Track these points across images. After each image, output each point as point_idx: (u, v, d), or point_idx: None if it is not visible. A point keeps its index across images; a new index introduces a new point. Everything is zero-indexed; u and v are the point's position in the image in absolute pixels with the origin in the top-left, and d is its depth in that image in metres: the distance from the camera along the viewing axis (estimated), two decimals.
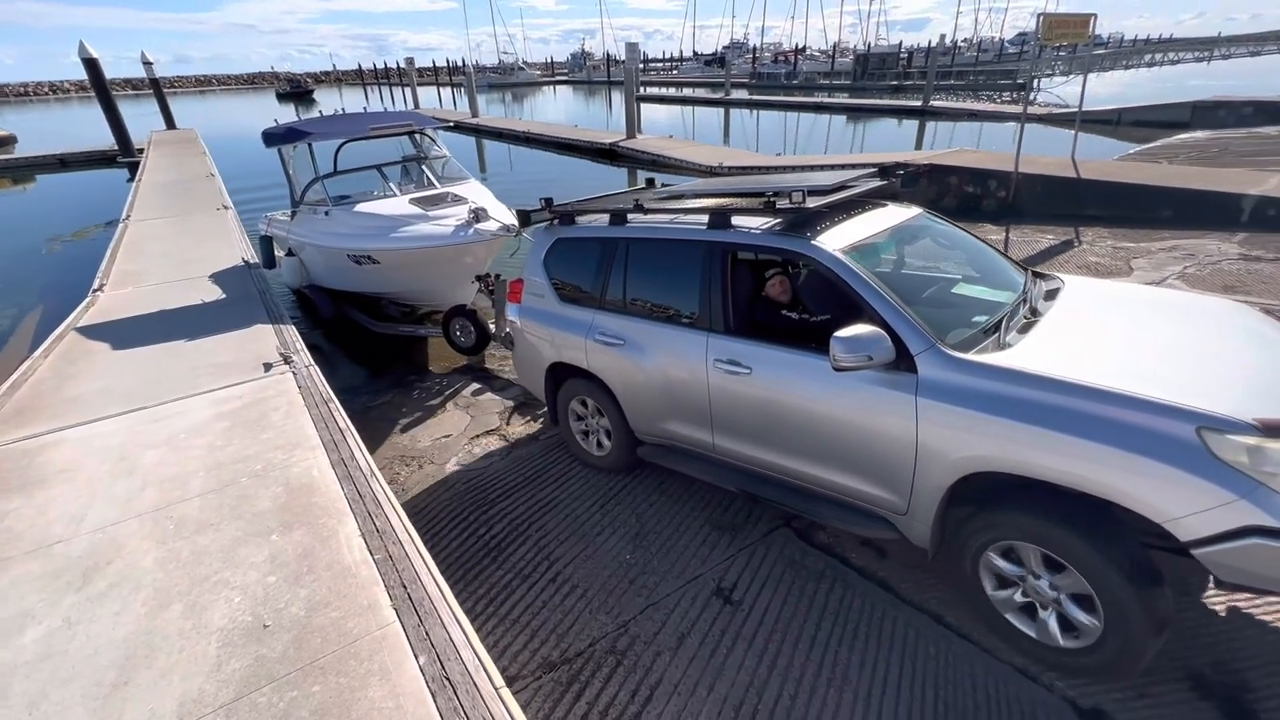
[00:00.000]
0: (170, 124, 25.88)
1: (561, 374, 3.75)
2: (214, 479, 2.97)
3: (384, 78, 76.06)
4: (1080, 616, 2.10)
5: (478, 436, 4.45)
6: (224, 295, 5.95)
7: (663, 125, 28.25)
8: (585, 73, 72.04)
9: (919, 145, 20.45)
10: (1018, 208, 9.63)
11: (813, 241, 2.65)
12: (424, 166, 6.77)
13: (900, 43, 55.24)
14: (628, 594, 2.81)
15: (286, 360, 4.27)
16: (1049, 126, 19.40)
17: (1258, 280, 5.74)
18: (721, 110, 33.55)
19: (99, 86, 18.94)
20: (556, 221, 3.71)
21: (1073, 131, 11.54)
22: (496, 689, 1.84)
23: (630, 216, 3.33)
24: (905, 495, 2.40)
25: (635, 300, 3.28)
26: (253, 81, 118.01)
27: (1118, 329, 2.48)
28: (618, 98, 46.40)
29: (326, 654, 2.01)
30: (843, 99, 33.21)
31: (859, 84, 41.31)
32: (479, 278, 5.60)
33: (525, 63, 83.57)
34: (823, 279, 2.68)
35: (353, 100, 55.99)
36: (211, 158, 17.03)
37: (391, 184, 6.57)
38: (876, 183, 3.23)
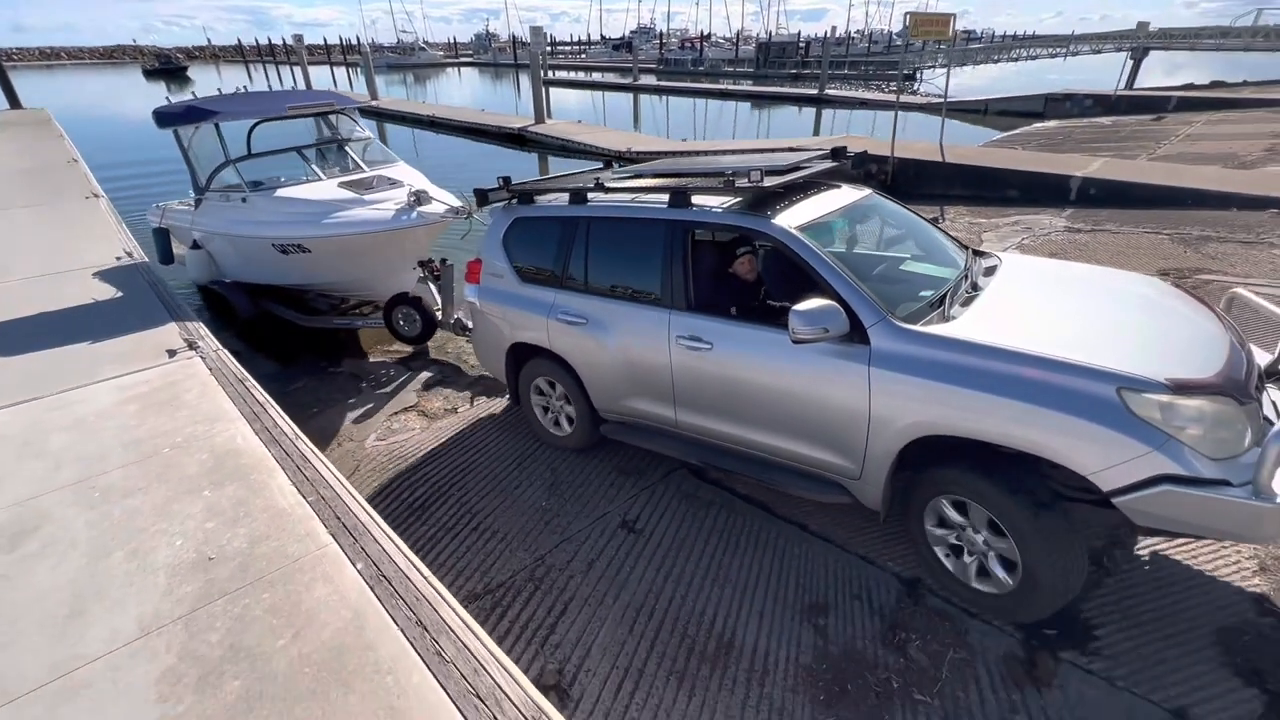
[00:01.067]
0: (14, 103, 22.98)
1: (523, 354, 3.76)
2: (134, 453, 3.02)
3: (268, 55, 70.39)
4: (1000, 573, 2.35)
5: (396, 414, 4.61)
6: (110, 288, 5.63)
7: (573, 110, 28.22)
8: (491, 55, 69.99)
9: (816, 131, 21.70)
10: (895, 189, 10.66)
11: (771, 220, 2.74)
12: (347, 149, 6.40)
13: (799, 33, 57.67)
14: (544, 534, 3.15)
15: (192, 346, 4.22)
16: (929, 115, 21.17)
17: (1075, 248, 6.80)
18: (631, 95, 33.89)
19: None
20: (515, 201, 3.70)
21: (956, 120, 12.81)
22: (426, 579, 2.15)
23: (590, 196, 3.33)
24: (859, 461, 2.54)
25: (597, 279, 3.31)
26: (111, 56, 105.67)
27: (1048, 301, 2.70)
28: (526, 81, 45.44)
29: (272, 571, 2.30)
30: (747, 86, 34.44)
31: (761, 72, 42.79)
32: (421, 263, 5.45)
33: (426, 43, 79.99)
34: (780, 256, 2.77)
35: (233, 79, 51.47)
36: (71, 141, 15.43)
37: (314, 167, 6.16)
38: (829, 164, 3.34)
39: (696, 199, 3.00)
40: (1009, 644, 2.37)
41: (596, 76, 45.76)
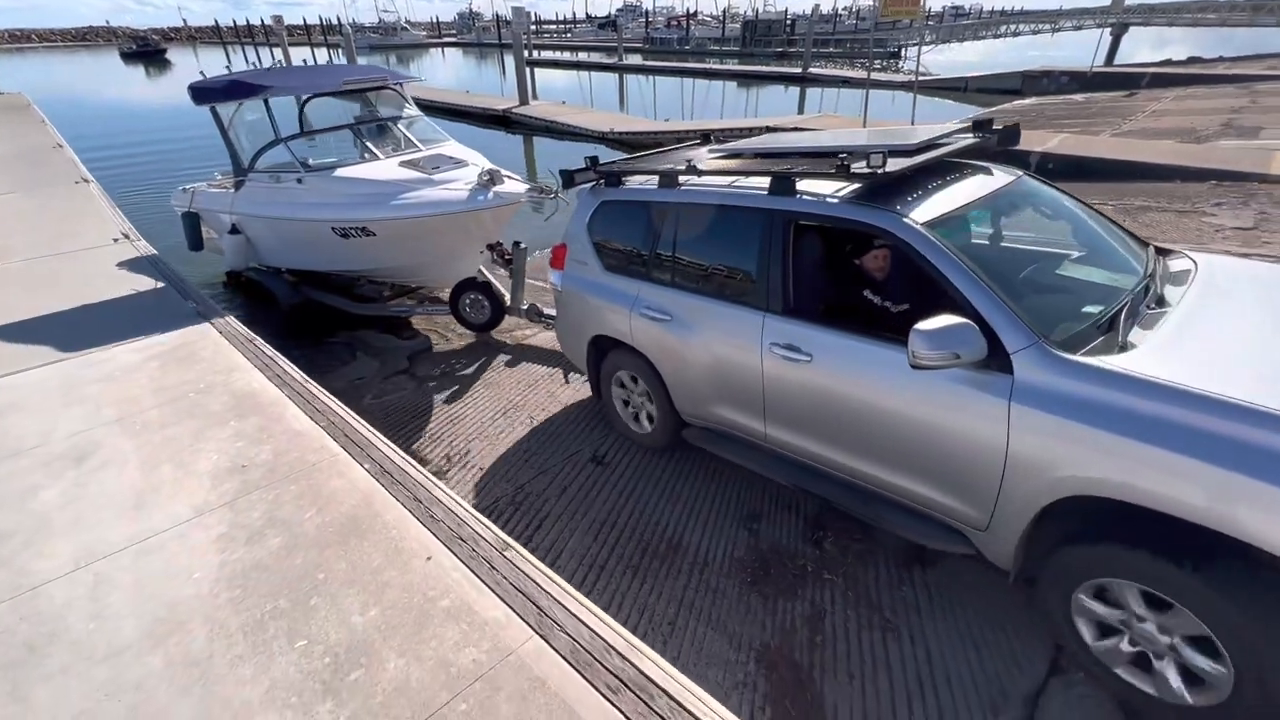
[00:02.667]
0: None
1: (605, 346, 3.58)
2: (164, 396, 3.49)
3: (247, 36, 69.16)
4: (1180, 684, 1.85)
5: (390, 377, 5.03)
6: (109, 267, 5.98)
7: (560, 89, 28.22)
8: (475, 34, 69.15)
9: (800, 110, 21.96)
10: None
11: (894, 213, 2.31)
12: (401, 126, 5.97)
13: (786, 10, 57.34)
14: (524, 468, 3.60)
15: (203, 316, 4.63)
16: (909, 93, 21.53)
17: None
18: (617, 75, 33.89)
19: None
20: (602, 182, 3.45)
21: (937, 98, 13.17)
22: (421, 471, 2.68)
23: (682, 179, 3.03)
24: (986, 511, 2.11)
25: (684, 272, 3.06)
26: (84, 38, 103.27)
27: (1268, 324, 2.09)
28: (510, 62, 45.09)
29: (296, 473, 2.90)
30: (733, 65, 34.48)
31: (747, 51, 42.71)
32: (490, 246, 5.21)
33: (409, 22, 78.74)
34: (903, 257, 2.35)
35: (212, 61, 50.67)
36: (54, 127, 15.49)
37: (370, 145, 5.73)
38: (969, 140, 2.80)
39: (804, 185, 2.59)
40: (905, 542, 2.85)
41: (582, 56, 45.53)
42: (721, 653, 2.38)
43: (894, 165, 2.41)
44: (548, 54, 46.50)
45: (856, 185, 2.49)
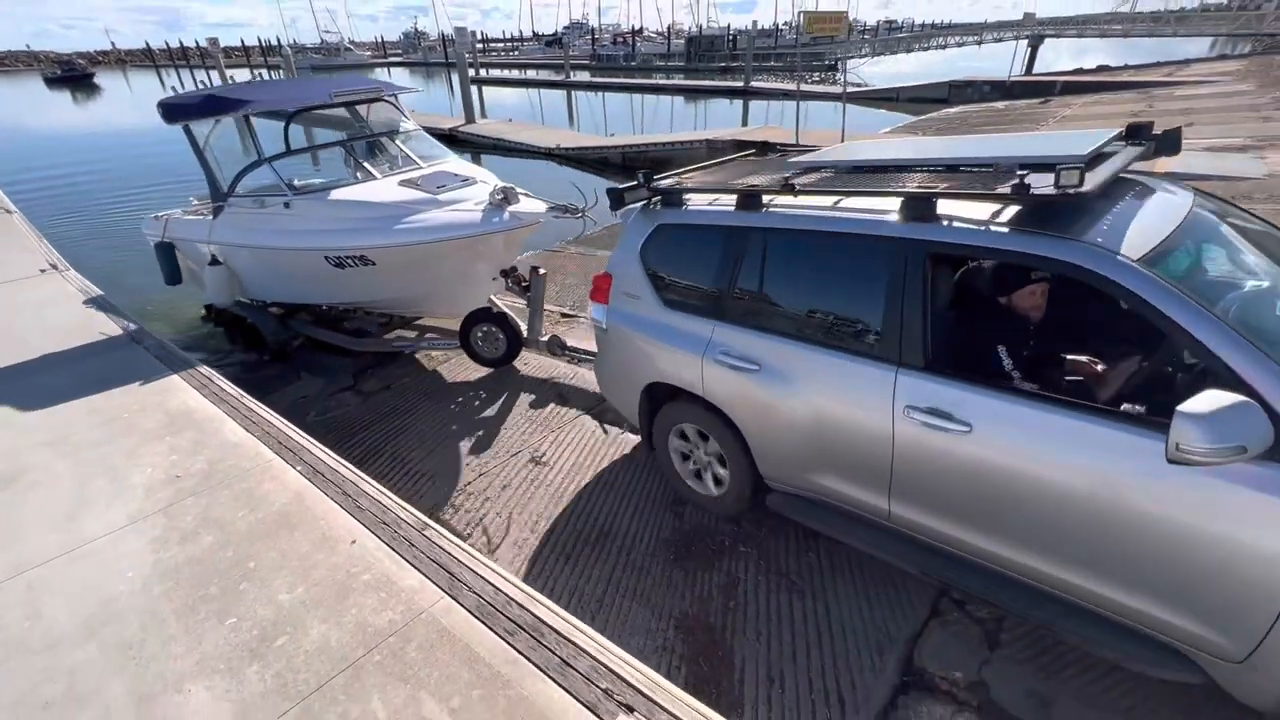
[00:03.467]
0: None
1: (661, 394, 3.10)
2: (98, 418, 3.53)
3: (181, 59, 67.13)
4: None
5: (334, 394, 5.09)
6: (38, 295, 5.85)
7: (510, 108, 28.38)
8: (421, 53, 68.78)
9: (744, 122, 22.66)
10: None
11: (1098, 248, 1.82)
12: (399, 141, 5.39)
13: (728, 25, 59.03)
14: (465, 471, 3.74)
15: (134, 339, 4.61)
16: (853, 104, 22.50)
17: None
18: (565, 92, 34.31)
19: None
20: (658, 203, 2.98)
21: (871, 109, 13.85)
22: (352, 469, 2.88)
23: (768, 198, 2.57)
24: (1247, 641, 1.67)
25: (778, 313, 2.58)
26: (2, 64, 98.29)
27: None
28: (457, 80, 45.11)
29: (230, 479, 3.04)
30: (678, 80, 35.35)
31: (691, 66, 43.81)
32: (504, 272, 4.70)
33: (352, 42, 77.74)
34: (1107, 302, 1.85)
35: (144, 85, 48.95)
36: None
37: (364, 163, 5.16)
38: (1137, 149, 2.26)
39: (949, 207, 2.11)
40: None
41: (530, 74, 45.86)
42: (644, 623, 2.58)
43: (1092, 183, 1.83)
44: (496, 72, 46.69)
45: (1013, 208, 2.01)
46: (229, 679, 2.04)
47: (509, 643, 2.11)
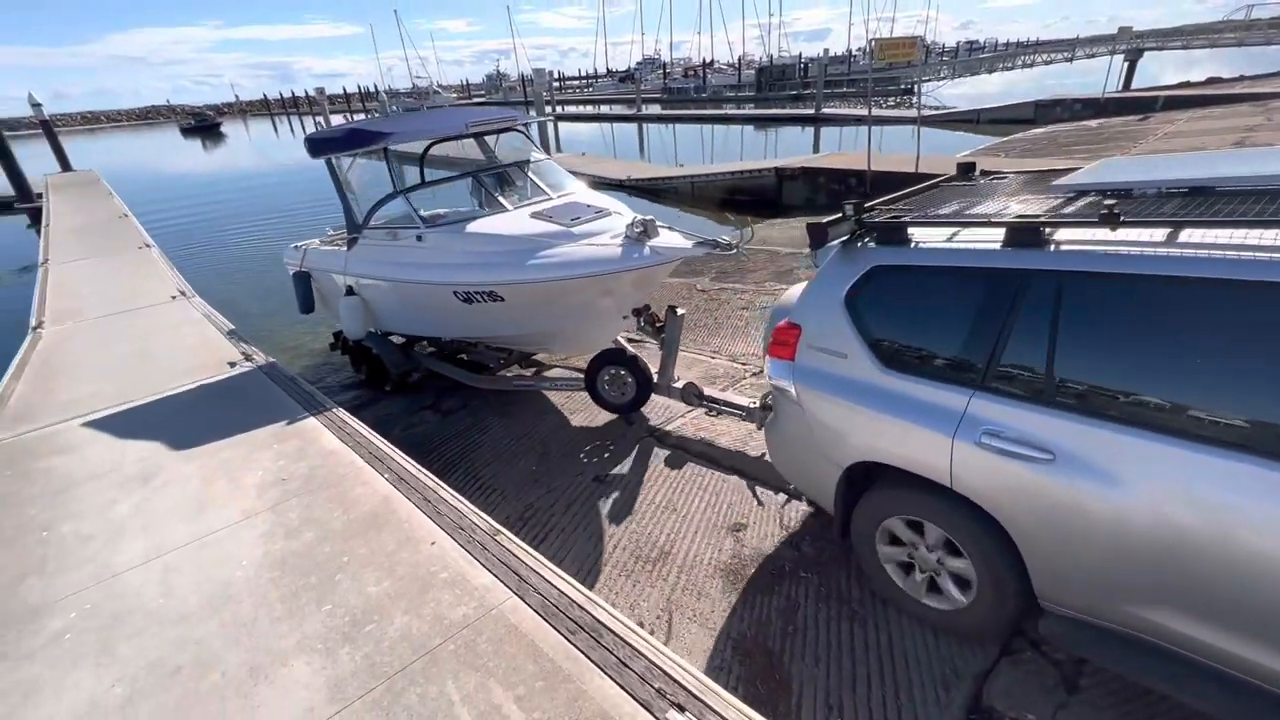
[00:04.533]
0: (65, 165, 25.01)
1: (865, 475, 2.56)
2: (220, 429, 4.02)
3: (292, 107, 74.32)
4: None
5: (416, 411, 5.44)
6: (170, 320, 6.63)
7: (583, 141, 29.55)
8: (502, 94, 72.78)
9: (816, 149, 22.56)
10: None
11: None
12: (529, 172, 5.14)
13: (800, 54, 59.16)
14: (533, 489, 3.92)
15: (250, 359, 5.17)
16: (925, 128, 21.98)
17: None
18: (636, 125, 35.41)
19: None
20: (870, 239, 2.49)
21: (950, 132, 13.54)
22: (434, 479, 3.16)
23: (1062, 234, 2.04)
24: None
25: (1086, 385, 1.97)
26: (147, 116, 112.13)
27: None
28: (535, 116, 47.36)
29: (328, 482, 3.40)
30: (748, 110, 35.74)
31: (761, 95, 44.15)
32: (636, 311, 4.32)
33: (440, 86, 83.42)
34: None
35: (260, 131, 54.53)
36: (120, 198, 16.97)
37: (497, 195, 4.89)
38: None
39: None
40: None
41: (604, 109, 47.64)
42: (702, 643, 2.61)
43: None
44: (571, 108, 48.83)
45: None
46: (325, 658, 2.28)
47: (570, 641, 2.25)
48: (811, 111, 28.67)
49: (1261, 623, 1.70)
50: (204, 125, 61.40)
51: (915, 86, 38.06)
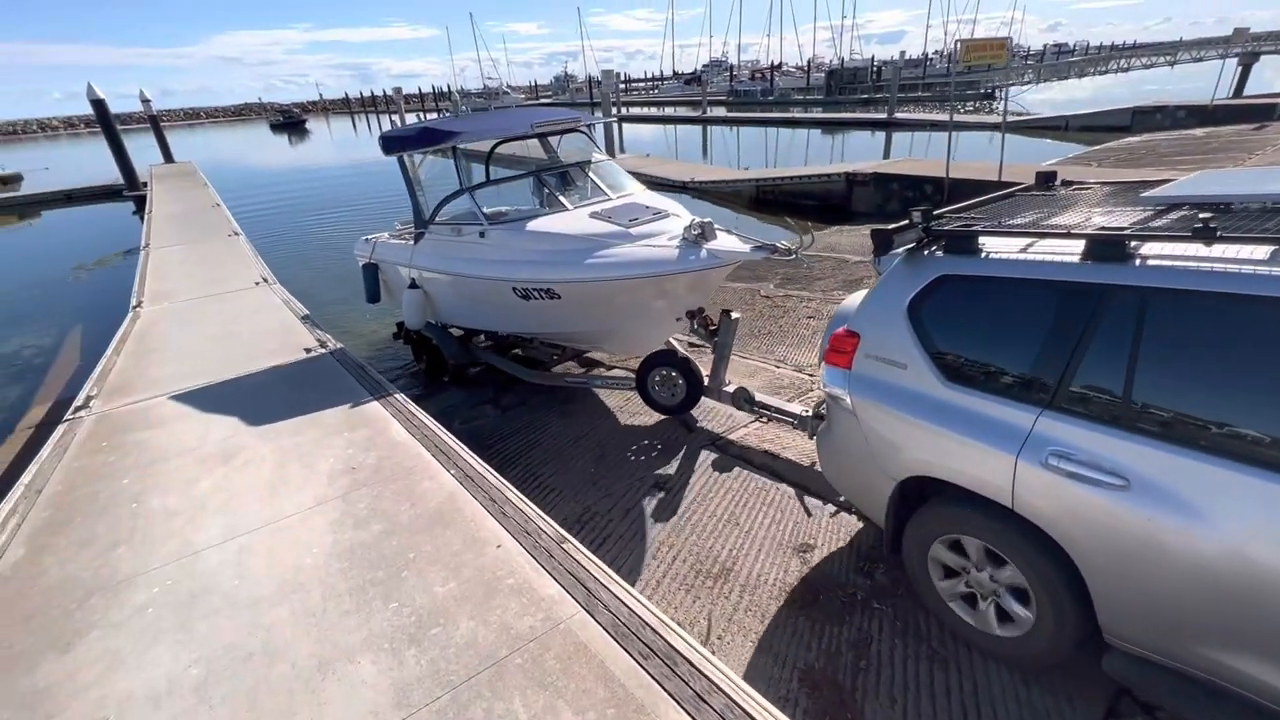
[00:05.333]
0: (168, 157, 26.96)
1: (920, 491, 2.49)
2: (295, 412, 4.17)
3: (370, 105, 77.83)
4: None
5: (476, 405, 5.50)
6: (252, 304, 7.00)
7: (646, 143, 29.59)
8: (569, 95, 73.97)
9: (886, 155, 21.79)
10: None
11: None
12: (590, 172, 5.21)
13: (872, 57, 57.48)
14: (591, 491, 3.86)
15: (323, 345, 5.37)
16: (1009, 135, 20.84)
17: None
18: (701, 128, 35.17)
19: (105, 124, 19.97)
20: (936, 248, 2.43)
21: (1033, 139, 12.79)
22: (498, 477, 3.11)
23: (1150, 248, 1.92)
24: None
25: (1169, 410, 1.84)
26: (240, 113, 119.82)
27: None
28: (602, 118, 47.93)
29: (394, 474, 3.41)
30: (816, 113, 34.92)
31: (831, 98, 43.09)
32: (690, 314, 4.31)
33: (509, 86, 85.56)
34: None
35: (340, 128, 57.33)
36: (213, 188, 18.12)
37: (557, 194, 4.97)
38: None
39: None
40: None
41: (669, 110, 47.62)
42: (766, 669, 2.48)
43: None
44: (636, 110, 49.03)
45: None
46: (391, 658, 2.24)
47: (643, 666, 2.13)
48: (884, 116, 27.72)
49: None
50: (291, 122, 64.96)
51: (997, 91, 36.32)
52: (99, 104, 19.60)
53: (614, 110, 21.39)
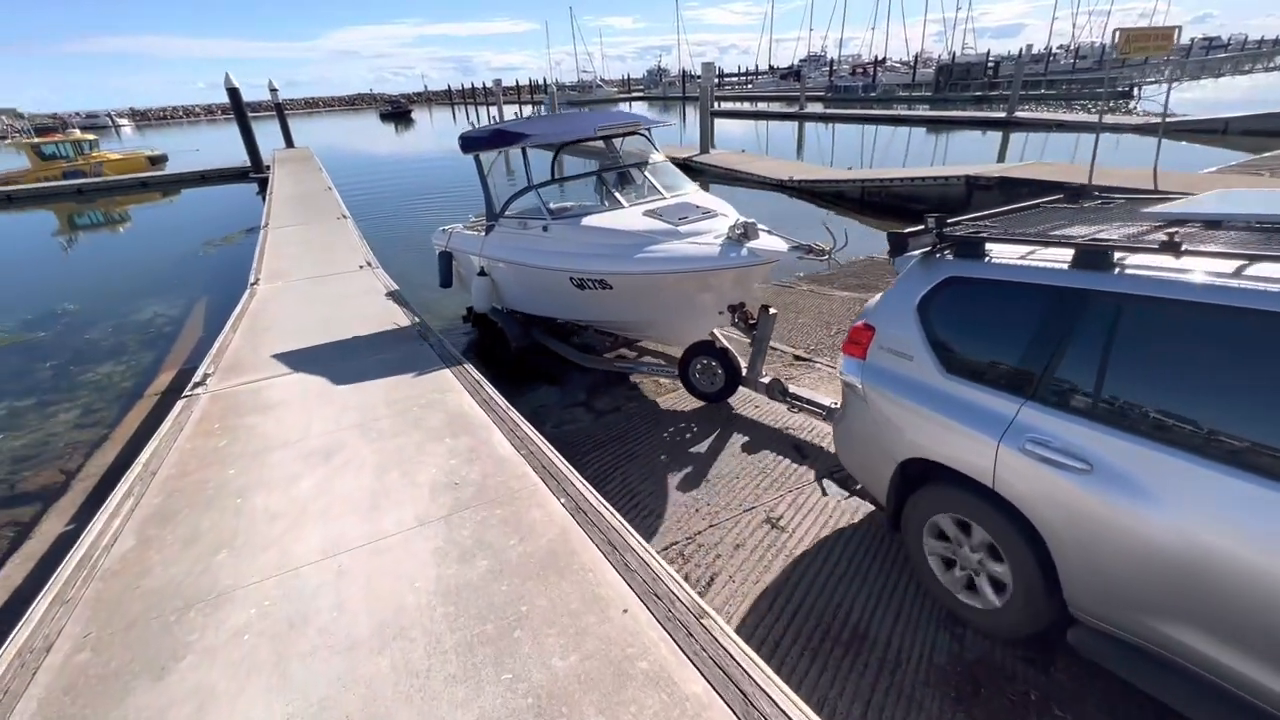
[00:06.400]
0: (289, 143, 28.99)
1: (919, 472, 2.70)
2: (394, 408, 4.05)
3: (469, 97, 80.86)
4: None
5: (568, 406, 5.30)
6: (356, 287, 7.18)
7: (735, 139, 28.86)
8: (661, 89, 73.77)
9: (1001, 158, 20.07)
10: None
11: None
12: (647, 172, 5.57)
13: (988, 51, 53.50)
14: (694, 518, 3.52)
15: (423, 337, 5.35)
16: (1145, 137, 18.63)
17: None
18: (794, 124, 33.91)
19: (238, 111, 21.72)
20: (946, 251, 2.63)
21: (1182, 143, 11.30)
22: (614, 515, 2.72)
23: (1121, 258, 2.10)
24: None
25: (1135, 404, 2.00)
26: (353, 103, 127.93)
27: None
28: (691, 113, 47.63)
29: (500, 497, 3.10)
30: (923, 111, 32.84)
31: (940, 95, 40.44)
32: (732, 308, 4.54)
33: (603, 80, 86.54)
34: None
35: (441, 118, 59.86)
36: (326, 172, 19.19)
37: (615, 193, 5.30)
38: None
39: None
40: None
41: (762, 106, 46.37)
42: None
43: None
44: (727, 105, 48.06)
45: None
46: None
47: None
48: (1002, 114, 25.58)
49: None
50: (398, 111, 68.68)
51: (1135, 89, 32.75)
52: (234, 92, 21.28)
53: (712, 104, 20.83)
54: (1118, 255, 2.10)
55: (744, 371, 4.67)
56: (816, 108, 38.94)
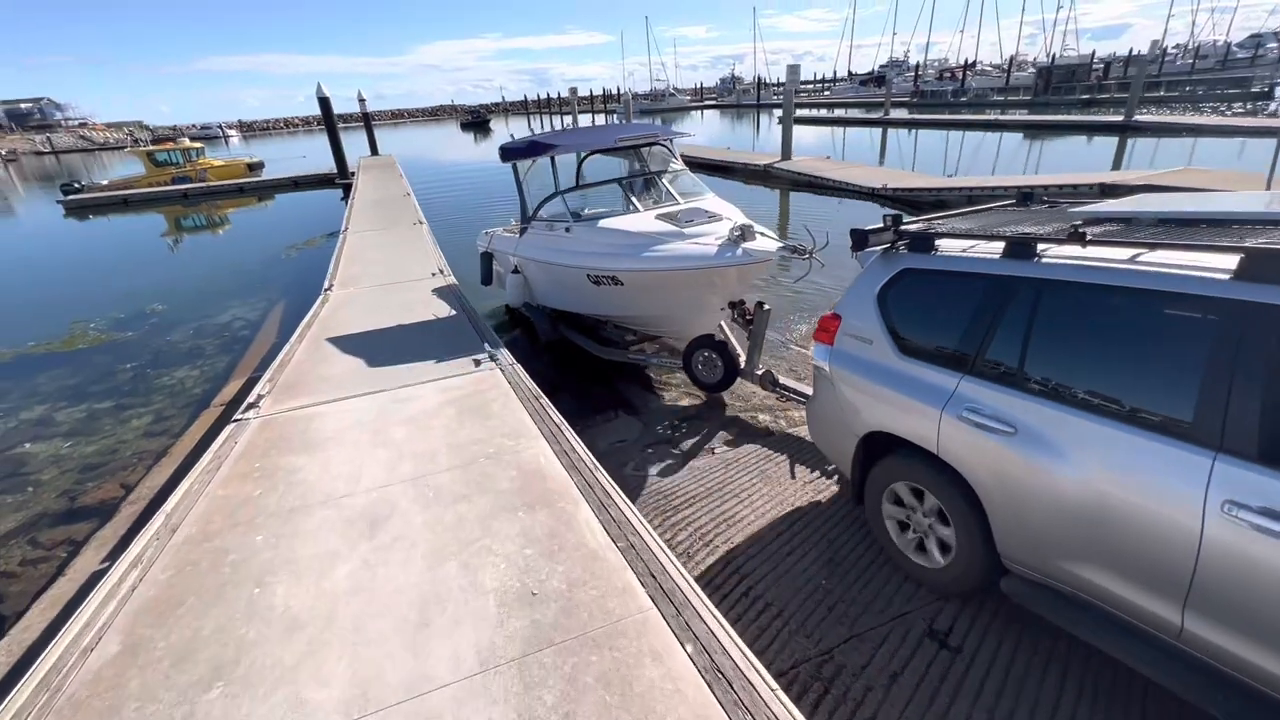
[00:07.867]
0: (374, 151, 30.02)
1: (879, 446, 2.92)
2: (457, 457, 3.38)
3: (545, 107, 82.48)
4: None
5: (651, 445, 4.58)
6: (427, 297, 6.79)
7: (809, 146, 27.55)
8: (735, 96, 72.76)
9: (1117, 165, 17.98)
10: None
11: None
12: (663, 180, 5.98)
13: (1093, 52, 49.51)
14: (827, 620, 2.71)
15: (493, 359, 4.77)
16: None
17: None
18: (872, 130, 32.20)
19: (328, 119, 22.54)
20: (903, 246, 2.88)
21: None
22: (772, 689, 1.88)
23: (1043, 249, 2.35)
24: None
25: (1049, 374, 2.25)
26: (435, 114, 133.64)
27: None
28: (765, 121, 46.40)
29: (594, 628, 2.20)
30: (1020, 115, 30.43)
31: (1041, 99, 37.55)
32: (731, 304, 4.94)
33: (676, 89, 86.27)
34: None
35: (517, 126, 61.22)
36: (406, 179, 19.48)
37: (632, 198, 5.71)
38: None
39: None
40: None
41: (840, 112, 44.57)
42: None
43: None
44: (804, 111, 46.53)
45: None
46: None
47: None
48: (1118, 118, 23.17)
49: (1166, 582, 1.92)
50: (477, 121, 70.70)
51: (1277, 89, 29.10)
52: (324, 101, 22.06)
53: (794, 109, 19.79)
54: (1040, 246, 2.36)
55: (742, 363, 4.96)
56: (901, 113, 36.92)
